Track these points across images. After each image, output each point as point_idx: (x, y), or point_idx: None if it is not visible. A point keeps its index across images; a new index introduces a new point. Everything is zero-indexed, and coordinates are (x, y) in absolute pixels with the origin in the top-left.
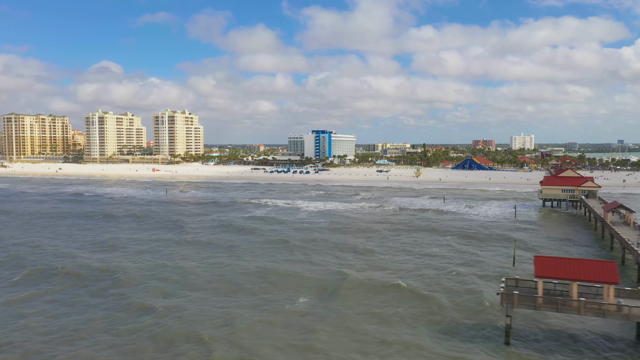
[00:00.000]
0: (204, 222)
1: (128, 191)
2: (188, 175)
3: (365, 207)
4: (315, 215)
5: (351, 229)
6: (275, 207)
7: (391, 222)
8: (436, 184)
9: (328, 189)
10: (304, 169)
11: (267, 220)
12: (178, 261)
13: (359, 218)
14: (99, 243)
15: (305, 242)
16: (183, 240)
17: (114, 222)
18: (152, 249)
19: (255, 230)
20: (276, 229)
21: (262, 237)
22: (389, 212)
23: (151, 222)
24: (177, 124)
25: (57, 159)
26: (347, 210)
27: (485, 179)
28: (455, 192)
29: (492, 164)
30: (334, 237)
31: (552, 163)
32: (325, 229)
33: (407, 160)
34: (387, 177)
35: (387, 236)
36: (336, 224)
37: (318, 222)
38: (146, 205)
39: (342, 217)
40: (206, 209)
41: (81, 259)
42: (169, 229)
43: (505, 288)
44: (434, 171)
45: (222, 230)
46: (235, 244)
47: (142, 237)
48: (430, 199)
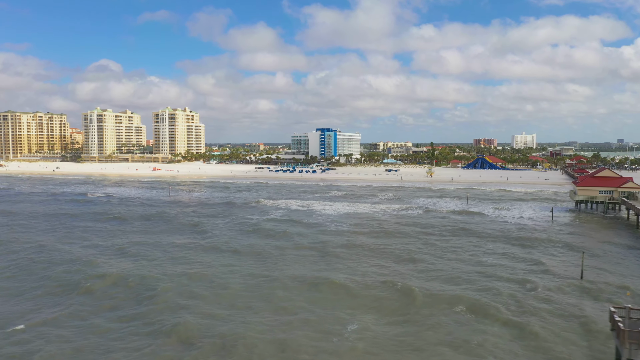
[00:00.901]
0: (222, 225)
1: (131, 191)
2: (190, 174)
3: (389, 208)
4: (340, 217)
5: (384, 232)
6: (293, 209)
7: (423, 225)
8: (449, 184)
9: (342, 189)
10: (309, 168)
11: (289, 223)
12: (208, 271)
13: (387, 220)
14: (118, 250)
15: (341, 248)
16: (206, 246)
17: (125, 224)
18: (176, 257)
19: (280, 234)
20: (302, 232)
21: (290, 242)
22: (416, 214)
23: (165, 224)
24: (178, 122)
25: (54, 158)
26: (372, 212)
27: (501, 179)
28: (476, 193)
29: (504, 163)
30: (369, 241)
31: (567, 162)
32: (356, 233)
33: (414, 160)
34: (400, 176)
35: (428, 241)
36: (366, 226)
37: (346, 225)
38: (155, 206)
39: (370, 220)
40: (220, 210)
41: (104, 268)
42: (187, 233)
43: (623, 323)
44: (444, 170)
45: (245, 234)
46: (263, 249)
47: (161, 242)
48: (453, 200)
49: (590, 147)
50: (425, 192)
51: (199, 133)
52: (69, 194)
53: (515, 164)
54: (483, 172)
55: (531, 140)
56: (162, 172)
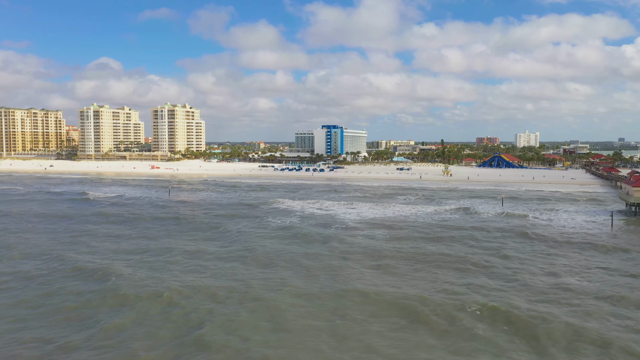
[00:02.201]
0: (245, 230)
1: (129, 191)
2: (191, 173)
3: (422, 211)
4: (373, 220)
5: (434, 238)
6: (313, 211)
7: (472, 229)
8: (471, 183)
9: (359, 189)
10: (317, 167)
11: (318, 227)
12: (254, 291)
13: (428, 224)
14: (142, 256)
15: (396, 256)
16: (237, 254)
17: (138, 226)
18: (207, 268)
19: (314, 239)
20: (338, 236)
21: (329, 249)
22: (457, 217)
23: (181, 227)
24: (178, 119)
25: (49, 156)
26: (406, 215)
27: (524, 178)
28: (505, 193)
29: (521, 161)
30: (424, 248)
31: (586, 161)
32: (403, 238)
33: (423, 158)
34: (419, 175)
35: (489, 248)
36: (410, 230)
37: (384, 229)
38: (159, 207)
39: (409, 223)
40: (235, 213)
41: (133, 282)
42: (211, 238)
43: None
44: (459, 169)
45: (277, 239)
46: (303, 259)
47: (186, 248)
48: (486, 201)
49: (596, 147)
50: (451, 193)
51: (200, 130)
52: (55, 194)
53: (531, 163)
54: (502, 170)
55: (534, 139)
56: (161, 170)
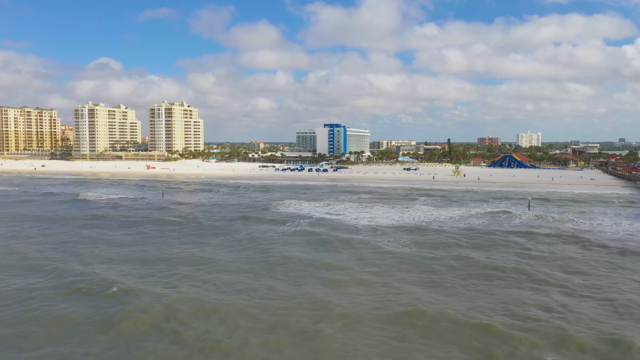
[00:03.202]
0: (258, 233)
1: (124, 192)
2: (189, 173)
3: (449, 216)
4: (402, 224)
5: (487, 246)
6: (328, 215)
7: (524, 236)
8: (481, 184)
9: (368, 190)
10: (319, 167)
11: (340, 232)
12: (289, 309)
13: (468, 229)
14: (156, 267)
15: (445, 265)
16: (262, 261)
17: (130, 230)
18: (231, 282)
19: (335, 245)
20: (366, 243)
21: (357, 259)
22: (494, 222)
23: (184, 231)
24: (175, 117)
25: (43, 156)
26: (441, 219)
27: (540, 178)
28: (529, 195)
29: (533, 161)
30: (480, 258)
31: (601, 160)
32: (450, 246)
33: (429, 158)
34: (432, 176)
35: (549, 258)
36: (455, 238)
37: (416, 235)
38: (157, 210)
39: (449, 229)
40: (241, 214)
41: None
42: (223, 244)
43: None
44: (469, 169)
45: (294, 246)
46: (334, 270)
47: (203, 255)
48: (512, 203)
49: (600, 147)
50: (470, 194)
51: (198, 129)
52: (40, 194)
53: (541, 163)
54: (515, 170)
55: (536, 139)
56: (157, 170)
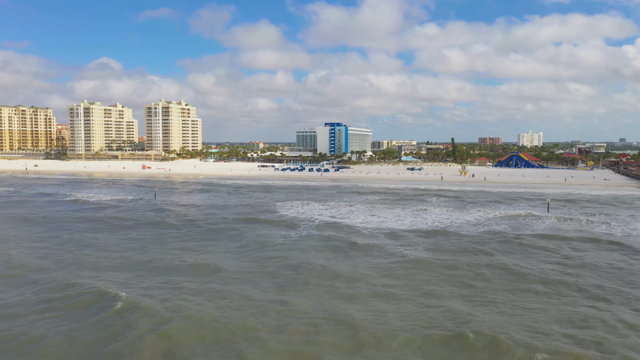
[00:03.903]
0: (265, 237)
1: (117, 193)
2: (184, 173)
3: (473, 219)
4: (417, 229)
5: (520, 252)
6: (335, 218)
7: (558, 241)
8: (491, 185)
9: (375, 191)
10: (320, 167)
11: (351, 235)
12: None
13: (492, 234)
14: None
15: (478, 275)
16: (271, 272)
17: (137, 236)
18: (240, 297)
19: (348, 251)
20: (382, 248)
21: (376, 268)
22: (520, 226)
23: (184, 234)
24: (172, 116)
25: (37, 155)
26: (458, 224)
27: (552, 179)
28: (541, 195)
29: (541, 161)
30: (519, 268)
31: (612, 160)
32: (476, 253)
33: (433, 158)
34: (440, 175)
35: (603, 267)
36: (482, 245)
37: (440, 240)
38: (152, 211)
39: (471, 234)
40: (242, 216)
41: None
42: (231, 251)
43: None
44: (475, 169)
45: (305, 252)
46: (355, 280)
47: (204, 262)
48: (531, 205)
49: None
50: (483, 195)
51: (196, 128)
52: (28, 195)
53: (549, 162)
54: (523, 170)
55: (537, 139)
56: (152, 170)
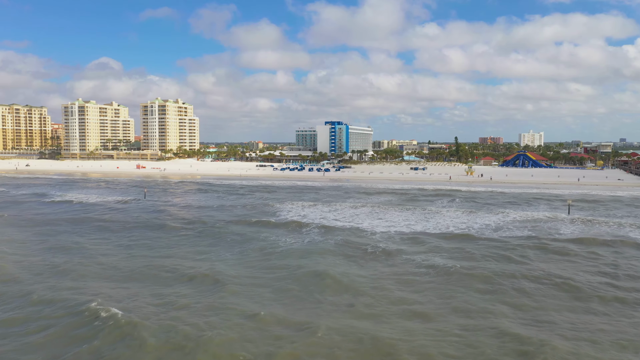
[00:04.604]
0: (267, 242)
1: (109, 194)
2: (180, 173)
3: (491, 222)
4: (436, 234)
5: (557, 260)
6: (340, 221)
7: (597, 247)
8: (501, 185)
9: (380, 191)
10: (320, 166)
11: (362, 241)
12: None
13: (516, 238)
14: None
15: (543, 289)
16: (281, 283)
17: (130, 242)
18: (248, 316)
19: (361, 258)
20: (400, 256)
21: (396, 277)
22: (548, 230)
23: (181, 239)
24: (169, 115)
25: (31, 155)
26: (478, 228)
27: (563, 179)
28: (556, 197)
29: (550, 161)
30: (570, 280)
31: (622, 160)
32: (504, 261)
33: (437, 157)
34: (448, 176)
35: None
36: (511, 252)
37: (462, 245)
38: (151, 212)
39: (494, 239)
40: (241, 218)
41: None
42: (233, 258)
43: None
44: (481, 168)
45: (324, 261)
46: (382, 291)
47: (205, 272)
48: (551, 207)
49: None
50: (497, 197)
51: (193, 127)
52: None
53: (556, 162)
54: (532, 170)
55: (539, 139)
56: (147, 170)
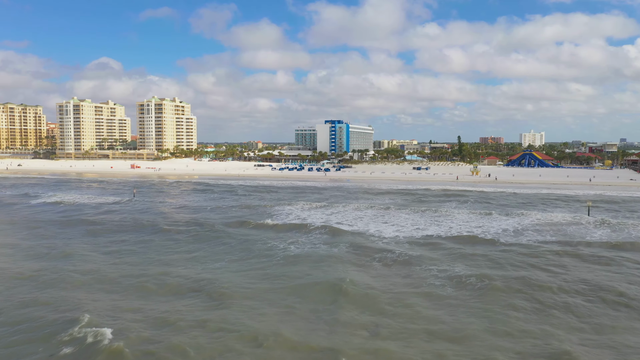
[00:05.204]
0: (270, 249)
1: (102, 194)
2: (175, 173)
3: (509, 226)
4: (452, 239)
5: (596, 271)
6: (343, 224)
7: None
8: (510, 185)
9: (383, 192)
10: (320, 166)
11: (371, 246)
12: None
13: (543, 243)
14: None
15: (594, 302)
16: (289, 295)
17: (121, 247)
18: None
19: (391, 266)
20: (429, 262)
21: (426, 294)
22: (573, 234)
23: (178, 244)
24: (166, 114)
25: (26, 155)
26: (495, 232)
27: (573, 179)
28: (570, 198)
29: (556, 160)
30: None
31: (632, 159)
32: (536, 268)
33: (439, 157)
34: (456, 176)
35: None
36: (555, 255)
37: (492, 249)
38: (143, 214)
39: (517, 246)
40: (241, 219)
41: None
42: (234, 265)
43: None
44: (486, 168)
45: (335, 269)
46: (407, 308)
47: (204, 280)
48: (571, 209)
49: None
50: (508, 198)
51: (190, 126)
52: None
53: (562, 162)
54: (539, 170)
55: (540, 139)
56: (141, 170)
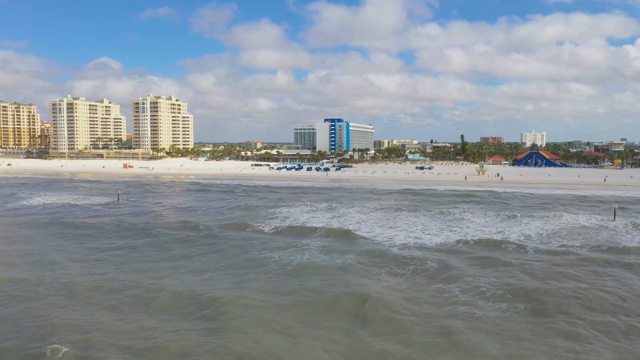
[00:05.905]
0: (269, 256)
1: (91, 194)
2: (169, 173)
3: (541, 230)
4: (471, 247)
5: None
6: (361, 227)
7: None
8: (521, 186)
9: (388, 193)
10: (320, 165)
11: (398, 255)
12: None
13: (609, 250)
14: None
15: None
16: (302, 313)
17: (108, 255)
18: None
19: (408, 277)
20: (455, 274)
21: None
22: (614, 240)
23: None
24: (161, 112)
25: (18, 154)
26: (523, 239)
27: (584, 179)
28: (587, 199)
29: (564, 160)
30: None
31: None
32: (618, 287)
33: (442, 156)
34: (464, 175)
35: None
36: (600, 265)
37: (524, 257)
38: (134, 217)
39: (556, 256)
40: (240, 220)
41: None
42: (234, 275)
43: None
44: (491, 168)
45: (346, 280)
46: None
47: (203, 293)
48: (596, 210)
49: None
50: (523, 200)
51: (187, 125)
52: None
53: (569, 161)
54: (548, 170)
55: (540, 139)
56: (134, 169)
